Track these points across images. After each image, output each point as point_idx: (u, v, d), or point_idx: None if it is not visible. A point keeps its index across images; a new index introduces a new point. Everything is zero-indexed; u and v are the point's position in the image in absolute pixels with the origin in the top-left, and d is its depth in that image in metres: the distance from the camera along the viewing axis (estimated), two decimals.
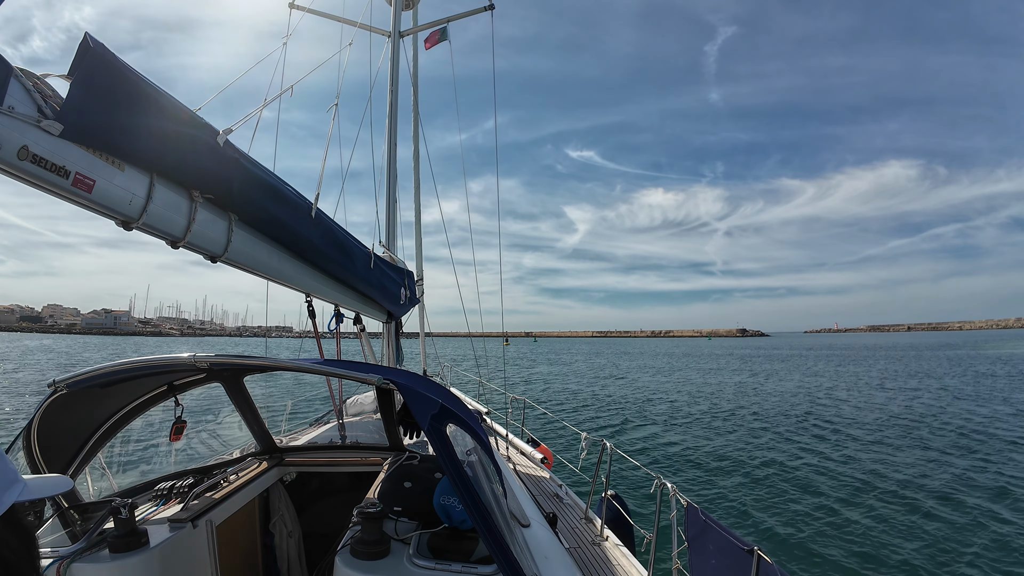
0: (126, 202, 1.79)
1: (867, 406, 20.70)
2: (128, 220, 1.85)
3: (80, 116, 1.56)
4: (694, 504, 3.38)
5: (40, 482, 0.88)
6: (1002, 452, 12.92)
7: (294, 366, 2.18)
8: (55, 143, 1.54)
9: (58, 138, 1.54)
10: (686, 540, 3.35)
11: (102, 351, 65.47)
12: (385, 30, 7.42)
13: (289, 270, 3.03)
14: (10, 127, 1.42)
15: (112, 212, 1.78)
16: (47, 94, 1.55)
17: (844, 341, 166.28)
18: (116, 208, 1.77)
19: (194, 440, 5.61)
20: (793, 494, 9.96)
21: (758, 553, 2.60)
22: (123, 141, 1.71)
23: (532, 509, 3.06)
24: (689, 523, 3.34)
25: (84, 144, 1.62)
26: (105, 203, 1.73)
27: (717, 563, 2.93)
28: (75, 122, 1.55)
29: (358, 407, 5.91)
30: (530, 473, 6.26)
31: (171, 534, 2.26)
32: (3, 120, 1.40)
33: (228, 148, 2.19)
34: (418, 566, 1.84)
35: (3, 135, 1.40)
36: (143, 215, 1.86)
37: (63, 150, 1.56)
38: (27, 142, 1.47)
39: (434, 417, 1.79)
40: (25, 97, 1.47)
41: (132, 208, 1.82)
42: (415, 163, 9.03)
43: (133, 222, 1.86)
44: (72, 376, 2.18)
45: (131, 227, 1.88)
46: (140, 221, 1.87)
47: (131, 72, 1.72)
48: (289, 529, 3.44)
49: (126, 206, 1.80)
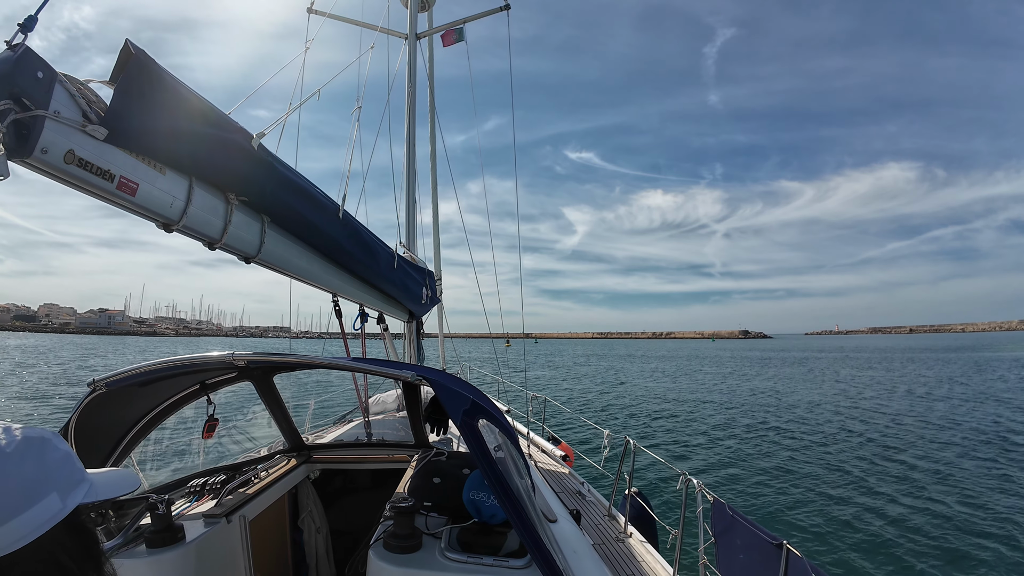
0: (167, 205, 1.84)
1: (926, 420, 17.98)
2: (169, 222, 1.90)
3: (124, 121, 1.61)
4: (720, 500, 3.37)
5: (107, 480, 0.83)
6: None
7: (330, 363, 2.21)
8: (100, 147, 1.58)
9: (103, 142, 1.58)
10: (713, 536, 3.34)
11: (84, 350, 65.20)
12: (402, 32, 7.49)
13: (317, 270, 3.08)
14: (56, 131, 1.46)
15: (155, 215, 1.84)
16: (91, 99, 1.59)
17: (852, 343, 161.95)
18: (158, 211, 1.82)
19: (222, 438, 5.72)
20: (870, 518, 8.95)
21: (787, 547, 2.59)
22: (165, 145, 1.76)
23: (557, 505, 3.08)
24: (716, 518, 3.33)
25: (128, 148, 1.66)
26: (148, 206, 1.78)
27: (745, 558, 2.92)
28: (119, 127, 1.60)
29: (380, 406, 5.97)
30: (552, 470, 6.27)
31: (206, 529, 2.29)
32: (50, 124, 1.43)
33: (262, 151, 2.24)
34: (450, 559, 1.86)
35: (50, 139, 1.44)
36: (183, 217, 1.91)
37: (108, 154, 1.61)
38: (73, 146, 1.51)
39: (466, 412, 1.81)
40: (70, 102, 1.51)
41: (173, 211, 1.87)
42: (432, 163, 9.09)
43: (174, 224, 1.92)
44: (111, 375, 2.24)
45: (172, 229, 1.93)
46: (180, 223, 1.92)
47: (171, 78, 1.77)
48: (317, 525, 3.49)
49: (167, 209, 1.85)
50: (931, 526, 8.68)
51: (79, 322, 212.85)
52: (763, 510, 9.34)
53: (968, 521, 8.93)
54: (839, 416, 18.92)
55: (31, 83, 1.38)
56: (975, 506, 9.63)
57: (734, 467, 12.09)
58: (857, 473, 11.41)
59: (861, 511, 9.25)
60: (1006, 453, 13.21)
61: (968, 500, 9.93)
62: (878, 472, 11.54)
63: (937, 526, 8.68)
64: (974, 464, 12.16)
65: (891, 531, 8.43)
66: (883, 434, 15.51)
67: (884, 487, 10.55)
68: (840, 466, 11.97)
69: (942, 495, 10.18)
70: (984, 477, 11.17)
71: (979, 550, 7.79)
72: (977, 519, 9.00)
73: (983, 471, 11.63)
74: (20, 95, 1.36)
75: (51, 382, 27.26)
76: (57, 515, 0.68)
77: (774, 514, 9.19)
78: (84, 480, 0.75)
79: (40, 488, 0.68)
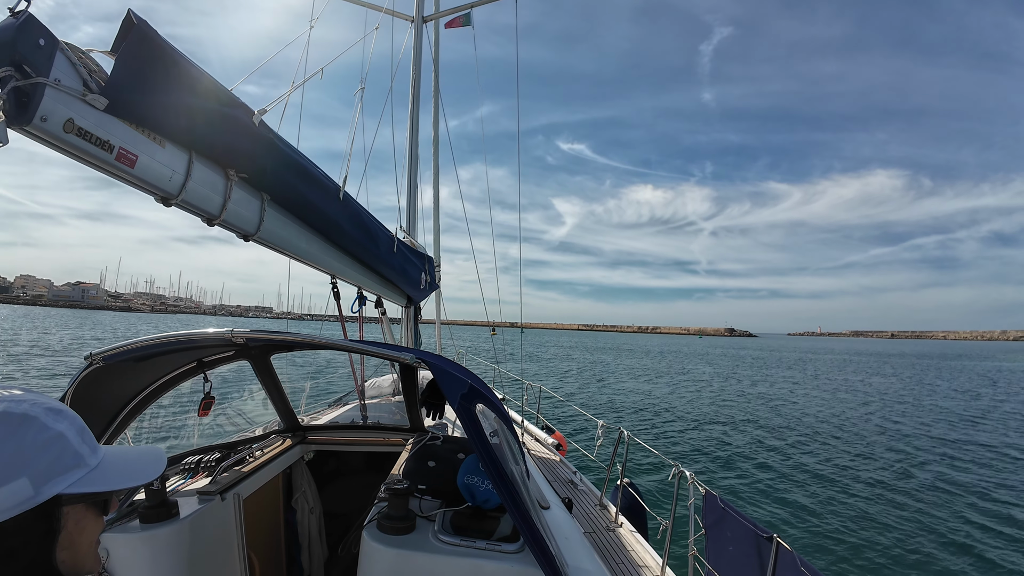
0: (166, 178, 1.83)
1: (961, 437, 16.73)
2: (168, 196, 1.89)
3: (124, 91, 1.59)
4: (712, 492, 3.39)
5: (128, 464, 0.76)
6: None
7: (330, 344, 2.20)
8: (100, 117, 1.56)
9: (103, 112, 1.56)
10: (703, 527, 3.37)
11: (38, 322, 63.44)
12: (408, 15, 7.41)
13: (316, 251, 3.07)
14: (56, 99, 1.44)
15: (153, 188, 1.82)
16: (92, 69, 1.57)
17: (841, 346, 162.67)
18: (157, 184, 1.81)
19: (217, 417, 5.72)
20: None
21: (777, 540, 2.61)
22: (165, 117, 1.74)
23: (549, 493, 3.10)
24: (707, 510, 3.36)
25: (128, 119, 1.65)
26: (147, 178, 1.76)
27: (735, 550, 2.94)
28: (119, 97, 1.58)
29: (376, 389, 5.99)
30: (545, 459, 6.30)
31: (200, 506, 2.29)
32: (50, 92, 1.42)
33: (263, 128, 2.22)
34: (443, 542, 1.87)
35: (50, 107, 1.42)
36: (182, 192, 1.90)
37: (107, 124, 1.59)
38: (73, 115, 1.49)
39: (463, 396, 1.81)
40: (71, 71, 1.49)
41: (172, 184, 1.86)
42: (434, 148, 9.02)
43: (172, 198, 1.90)
44: (109, 349, 2.23)
45: (170, 203, 1.92)
46: (179, 198, 1.91)
47: (172, 50, 1.75)
48: (311, 506, 3.51)
49: (166, 182, 1.83)
50: (921, 523, 8.77)
51: (52, 295, 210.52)
52: (766, 507, 9.43)
53: (961, 517, 9.04)
54: (871, 430, 17.24)
55: (33, 50, 1.37)
56: (973, 506, 9.75)
57: (741, 468, 12.12)
58: (870, 481, 11.38)
59: (855, 509, 9.36)
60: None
61: (968, 501, 10.05)
62: (892, 478, 11.61)
63: (928, 523, 8.77)
64: (979, 476, 12.23)
65: (880, 528, 8.52)
66: (903, 444, 15.40)
67: (890, 491, 10.66)
68: (863, 477, 11.68)
69: (940, 496, 10.31)
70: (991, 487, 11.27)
71: (970, 546, 7.88)
72: (971, 516, 9.11)
73: (988, 481, 11.72)
74: (21, 62, 1.35)
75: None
76: (24, 503, 0.62)
77: (771, 509, 9.28)
78: (78, 466, 0.69)
79: (6, 471, 0.61)
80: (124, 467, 0.76)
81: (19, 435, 0.64)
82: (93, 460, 0.71)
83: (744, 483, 10.78)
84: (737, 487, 10.48)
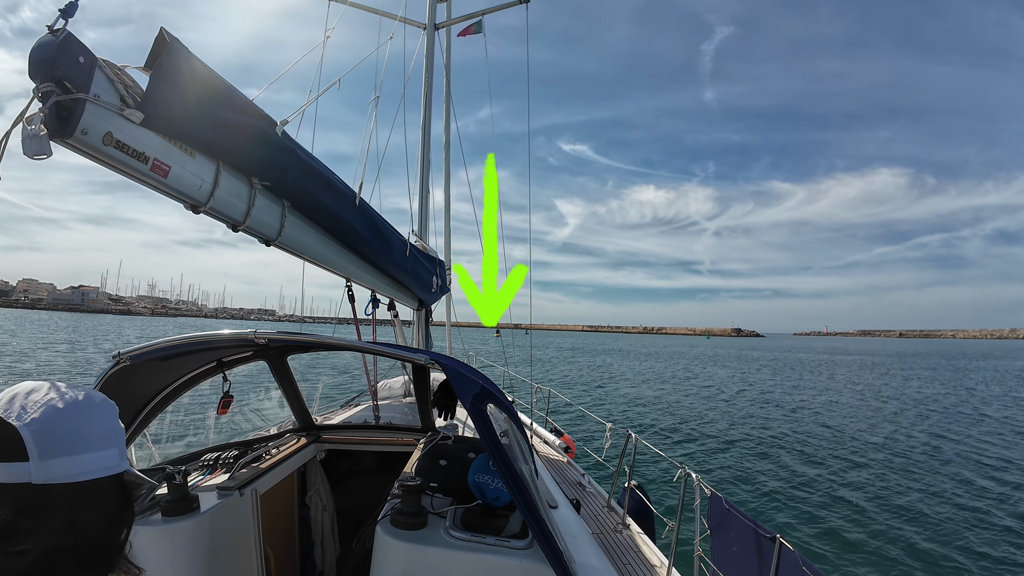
0: (196, 187, 1.93)
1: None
2: (197, 204, 1.99)
3: (158, 106, 1.68)
4: (717, 493, 3.44)
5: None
6: None
7: (346, 345, 2.28)
8: (136, 130, 1.66)
9: (139, 126, 1.65)
10: (708, 528, 3.41)
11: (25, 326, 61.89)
12: (420, 22, 7.52)
13: (333, 255, 3.17)
14: (96, 114, 1.53)
15: (184, 196, 1.92)
16: (128, 84, 1.67)
17: (851, 346, 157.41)
18: (187, 192, 1.91)
19: (234, 416, 5.84)
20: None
21: (780, 541, 2.65)
22: (195, 130, 1.84)
23: (558, 494, 3.15)
24: (712, 512, 3.40)
25: (162, 132, 1.74)
26: (178, 188, 1.86)
27: (739, 550, 2.99)
28: (154, 111, 1.67)
29: (388, 391, 6.07)
30: (554, 461, 6.35)
31: (220, 501, 2.36)
32: (91, 107, 1.50)
33: (285, 138, 2.32)
34: (454, 538, 1.92)
35: (90, 121, 1.51)
36: (211, 200, 2.00)
37: (143, 137, 1.69)
38: (111, 128, 1.58)
39: (475, 397, 1.87)
40: (109, 87, 1.58)
41: (201, 193, 1.96)
42: (446, 154, 9.12)
43: (201, 206, 2.00)
44: (136, 348, 2.32)
45: (199, 211, 2.02)
46: (208, 205, 2.01)
47: (202, 66, 1.85)
48: (324, 503, 3.59)
49: (196, 191, 1.93)
50: (927, 528, 8.72)
51: (51, 298, 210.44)
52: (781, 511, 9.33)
53: (967, 522, 8.96)
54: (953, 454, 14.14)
55: (73, 67, 1.45)
56: (978, 509, 9.64)
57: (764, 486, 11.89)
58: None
59: (860, 512, 9.30)
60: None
61: (971, 505, 9.93)
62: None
63: (933, 528, 8.72)
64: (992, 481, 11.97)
65: (887, 530, 8.48)
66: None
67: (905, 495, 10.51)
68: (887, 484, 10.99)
69: (949, 504, 10.20)
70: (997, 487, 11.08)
71: (978, 549, 7.82)
72: (976, 521, 9.03)
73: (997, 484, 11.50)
74: (63, 79, 1.43)
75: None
76: (115, 467, 0.77)
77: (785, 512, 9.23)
78: (123, 454, 0.82)
79: (110, 439, 0.77)
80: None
81: (115, 417, 0.81)
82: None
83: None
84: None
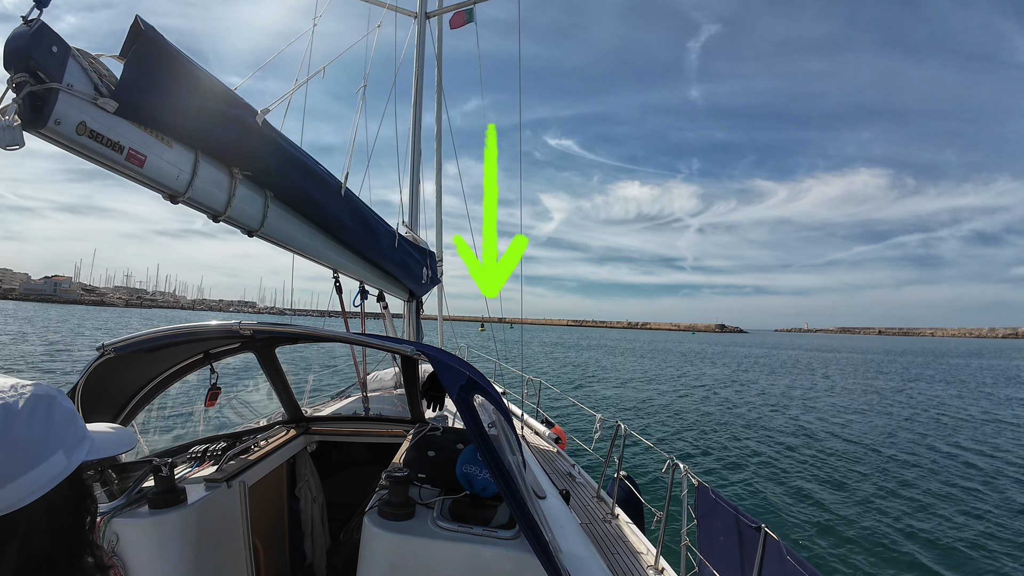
0: (174, 177, 1.90)
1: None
2: (175, 194, 1.96)
3: (133, 95, 1.66)
4: (704, 484, 3.47)
5: (106, 438, 0.84)
6: None
7: (333, 336, 2.27)
8: (110, 120, 1.63)
9: (113, 115, 1.63)
10: (695, 518, 3.44)
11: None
12: (411, 10, 7.44)
13: (319, 246, 3.14)
14: (70, 103, 1.50)
15: (161, 186, 1.90)
16: (102, 73, 1.64)
17: (834, 343, 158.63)
18: (165, 182, 1.88)
19: (223, 408, 5.82)
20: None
21: (765, 531, 2.68)
22: (172, 119, 1.81)
23: (547, 484, 3.16)
24: (699, 502, 3.43)
25: (137, 121, 1.71)
26: (155, 177, 1.84)
27: (725, 540, 3.02)
28: (129, 100, 1.64)
29: (378, 383, 6.07)
30: (544, 452, 6.38)
31: (207, 493, 2.36)
32: (64, 96, 1.48)
33: (266, 127, 2.29)
34: (442, 528, 1.93)
35: (64, 111, 1.49)
36: (189, 189, 1.97)
37: (118, 126, 1.66)
38: (85, 118, 1.55)
39: (462, 388, 1.86)
40: (83, 76, 1.55)
41: (179, 183, 1.93)
42: (437, 144, 9.08)
43: (179, 196, 1.98)
44: (120, 340, 2.30)
45: (177, 201, 1.99)
46: (186, 195, 1.98)
47: (179, 53, 1.82)
48: (314, 495, 3.59)
49: (174, 180, 1.91)
50: (908, 520, 8.85)
51: (24, 288, 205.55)
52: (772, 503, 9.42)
53: (948, 517, 9.09)
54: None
55: (46, 57, 1.43)
56: (959, 500, 9.78)
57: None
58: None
59: (849, 505, 9.42)
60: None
61: (955, 496, 10.08)
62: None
63: (915, 521, 8.84)
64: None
65: (869, 521, 8.60)
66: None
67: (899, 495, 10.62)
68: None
69: (932, 497, 10.34)
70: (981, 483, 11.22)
71: (961, 545, 7.95)
72: (961, 517, 9.16)
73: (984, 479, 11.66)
74: (36, 68, 1.41)
75: None
76: (63, 472, 0.70)
77: (773, 503, 9.34)
78: (86, 437, 0.77)
79: (48, 445, 0.70)
80: (108, 439, 0.85)
81: (51, 413, 0.72)
82: (89, 433, 0.80)
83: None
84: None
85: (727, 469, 11.65)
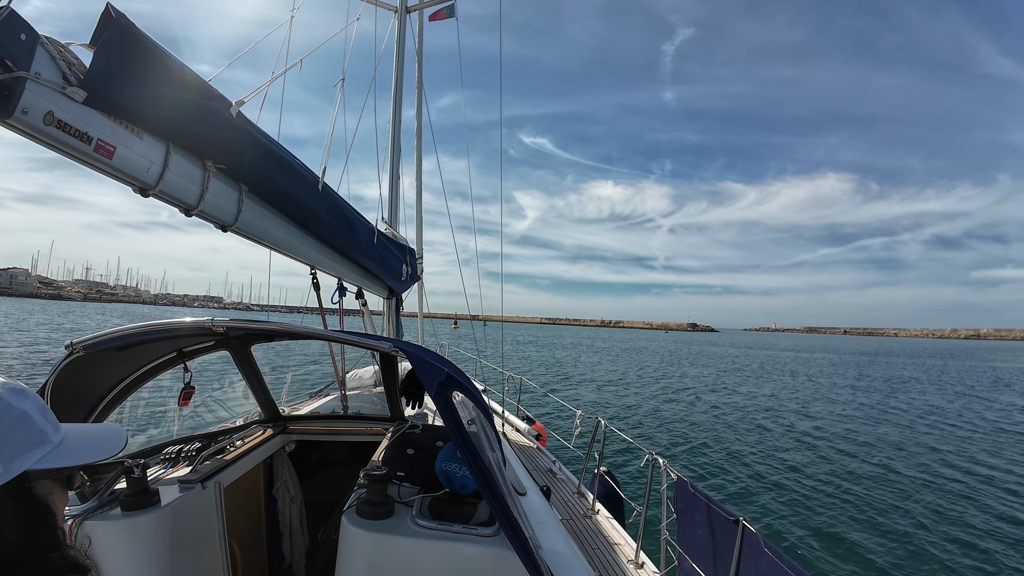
0: (144, 169, 1.85)
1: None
2: (145, 187, 1.91)
3: (103, 84, 1.61)
4: (683, 478, 3.51)
5: (87, 440, 0.77)
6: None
7: (309, 333, 2.24)
8: (79, 110, 1.59)
9: (82, 105, 1.58)
10: (675, 512, 3.48)
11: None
12: (391, 4, 7.37)
13: (295, 242, 3.09)
14: (37, 93, 1.46)
15: (131, 178, 1.84)
16: (71, 62, 1.59)
17: (807, 343, 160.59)
18: (135, 175, 1.83)
19: (197, 407, 5.71)
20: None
21: (743, 523, 2.72)
22: (143, 109, 1.77)
23: (528, 481, 3.17)
24: (678, 496, 3.47)
25: (106, 112, 1.67)
26: (125, 169, 1.79)
27: (704, 533, 3.05)
28: (98, 90, 1.60)
29: (357, 381, 6.01)
30: (525, 448, 6.39)
31: (181, 494, 2.31)
32: (31, 86, 1.44)
33: (240, 119, 2.24)
34: (421, 526, 1.91)
35: (31, 100, 1.45)
36: (160, 182, 1.92)
37: (86, 117, 1.61)
38: (53, 108, 1.51)
39: (441, 385, 1.85)
40: (51, 64, 1.51)
41: (150, 175, 1.88)
42: (418, 140, 8.99)
43: (150, 189, 1.92)
44: (90, 338, 2.24)
45: (148, 194, 1.94)
46: (157, 188, 1.93)
47: (150, 42, 1.77)
48: (292, 495, 3.55)
49: (144, 173, 1.86)
50: (885, 512, 9.05)
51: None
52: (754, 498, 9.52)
53: (931, 510, 9.32)
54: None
55: (14, 44, 1.39)
56: (944, 493, 10.03)
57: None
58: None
59: (824, 496, 9.60)
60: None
61: (938, 489, 10.33)
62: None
63: (892, 513, 9.05)
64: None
65: (847, 513, 8.78)
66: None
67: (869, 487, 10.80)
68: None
69: (909, 489, 10.57)
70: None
71: (939, 540, 8.15)
72: (942, 508, 9.40)
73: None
74: (3, 56, 1.37)
75: None
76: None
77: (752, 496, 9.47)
78: (43, 443, 0.70)
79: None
80: (86, 443, 0.78)
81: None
82: (56, 437, 0.73)
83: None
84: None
85: (707, 464, 11.80)
